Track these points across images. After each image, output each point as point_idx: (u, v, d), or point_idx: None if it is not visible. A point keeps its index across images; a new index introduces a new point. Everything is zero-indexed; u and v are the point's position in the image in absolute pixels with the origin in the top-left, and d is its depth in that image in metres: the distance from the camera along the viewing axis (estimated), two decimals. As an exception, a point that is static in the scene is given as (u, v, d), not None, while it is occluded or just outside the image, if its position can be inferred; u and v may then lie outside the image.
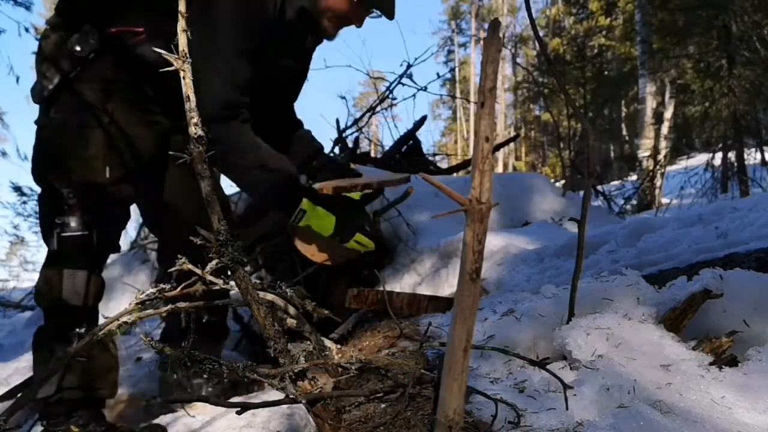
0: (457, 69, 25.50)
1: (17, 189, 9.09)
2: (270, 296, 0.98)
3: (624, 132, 16.47)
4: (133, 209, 2.01)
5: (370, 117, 5.40)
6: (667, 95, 9.44)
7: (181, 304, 0.95)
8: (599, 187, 6.23)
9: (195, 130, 0.87)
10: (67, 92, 1.71)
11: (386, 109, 5.71)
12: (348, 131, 4.90)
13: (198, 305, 0.97)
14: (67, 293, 1.70)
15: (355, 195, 1.67)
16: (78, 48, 1.68)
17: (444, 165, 7.06)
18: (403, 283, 2.90)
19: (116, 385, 1.84)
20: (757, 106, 6.90)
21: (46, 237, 1.73)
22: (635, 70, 10.12)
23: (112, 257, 2.79)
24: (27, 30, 7.03)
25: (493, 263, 2.58)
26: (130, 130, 1.78)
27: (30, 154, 1.78)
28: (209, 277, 0.93)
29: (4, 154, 8.23)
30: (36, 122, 1.78)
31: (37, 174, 1.77)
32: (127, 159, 1.78)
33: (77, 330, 1.71)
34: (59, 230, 1.69)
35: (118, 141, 1.76)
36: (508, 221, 3.98)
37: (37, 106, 1.78)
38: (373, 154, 5.38)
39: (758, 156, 7.12)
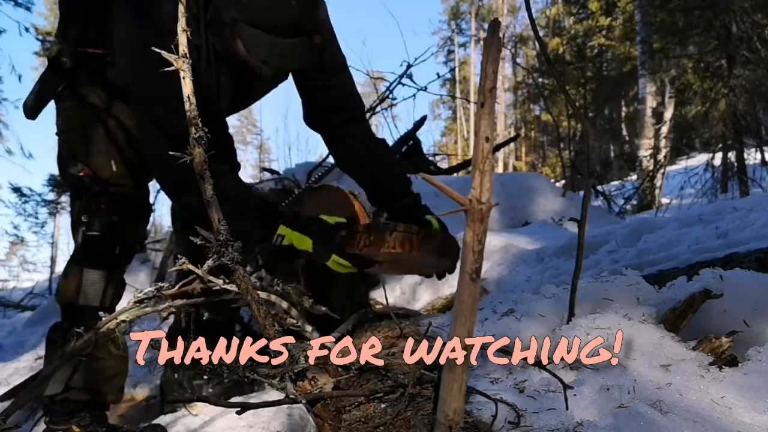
0: (457, 69, 25.46)
1: (17, 189, 9.10)
2: (272, 297, 0.98)
3: (624, 132, 16.47)
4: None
5: (370, 117, 5.40)
6: (667, 95, 9.42)
7: (180, 302, 0.95)
8: (599, 187, 6.24)
9: (195, 131, 0.87)
10: (66, 98, 1.77)
11: (386, 109, 5.72)
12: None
13: (196, 302, 0.97)
14: (84, 292, 1.73)
15: (330, 219, 1.62)
16: (64, 59, 1.73)
17: (444, 165, 7.06)
18: (403, 283, 2.90)
19: (122, 390, 1.84)
20: (757, 106, 6.89)
21: (74, 234, 1.78)
22: (635, 70, 10.10)
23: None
24: (27, 30, 7.06)
25: (493, 263, 2.58)
26: (132, 123, 1.77)
27: (32, 152, 1.85)
28: (208, 277, 0.93)
29: (9, 152, 8.25)
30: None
31: (61, 175, 1.83)
32: (129, 154, 1.78)
33: (75, 329, 1.71)
34: (84, 228, 1.74)
35: (119, 136, 1.77)
36: (508, 221, 3.99)
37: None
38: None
39: (758, 156, 7.11)
